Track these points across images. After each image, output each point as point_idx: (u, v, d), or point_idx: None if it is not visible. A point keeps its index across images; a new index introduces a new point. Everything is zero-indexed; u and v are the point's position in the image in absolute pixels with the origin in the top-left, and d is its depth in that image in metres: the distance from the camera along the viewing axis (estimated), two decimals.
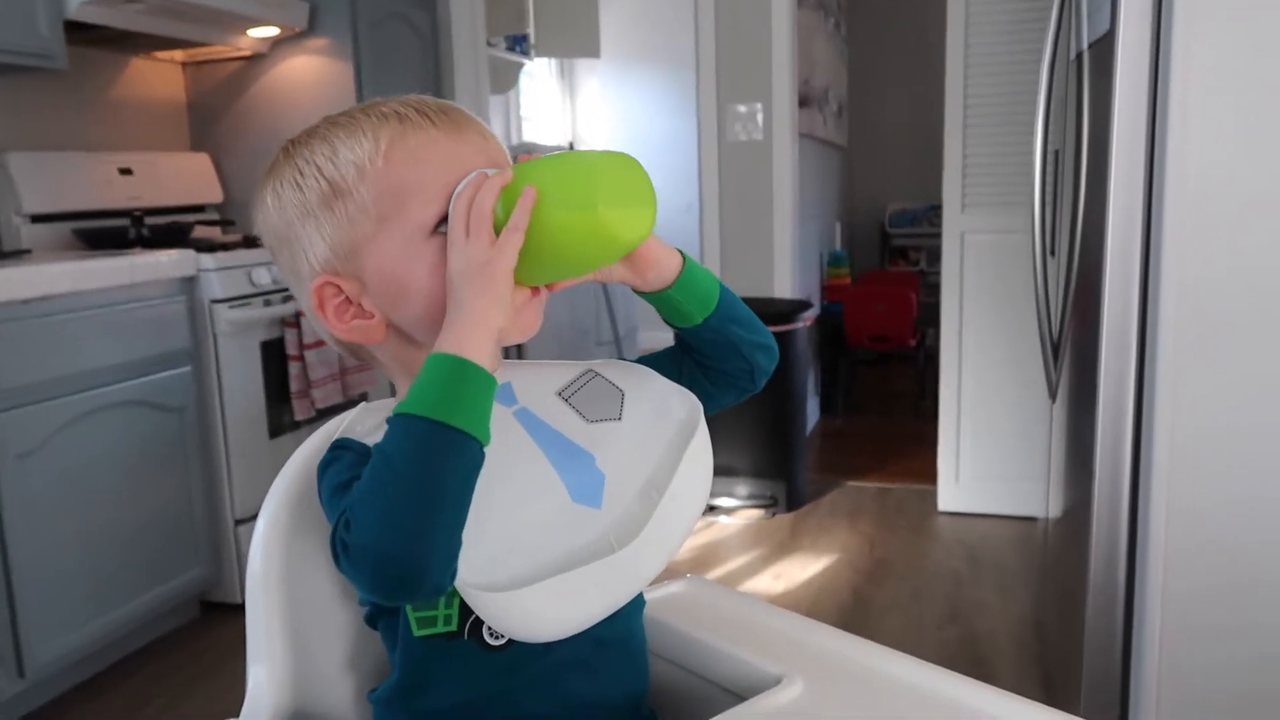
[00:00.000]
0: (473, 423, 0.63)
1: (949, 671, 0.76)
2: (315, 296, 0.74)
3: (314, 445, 0.82)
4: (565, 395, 0.76)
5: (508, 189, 0.69)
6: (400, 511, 0.61)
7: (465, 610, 0.71)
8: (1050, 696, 1.98)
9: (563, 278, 0.73)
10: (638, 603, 0.79)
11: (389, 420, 0.64)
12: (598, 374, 0.79)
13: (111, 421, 2.16)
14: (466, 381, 0.63)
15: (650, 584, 0.75)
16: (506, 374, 0.77)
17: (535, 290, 0.74)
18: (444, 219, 0.71)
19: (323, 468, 0.71)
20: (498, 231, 0.68)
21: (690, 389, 0.79)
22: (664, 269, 0.76)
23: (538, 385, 0.76)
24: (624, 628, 0.77)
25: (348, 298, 0.74)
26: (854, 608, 2.47)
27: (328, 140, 0.74)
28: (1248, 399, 1.41)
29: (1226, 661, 1.46)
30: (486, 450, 0.66)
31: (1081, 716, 1.57)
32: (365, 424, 0.72)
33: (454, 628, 0.72)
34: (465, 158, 0.72)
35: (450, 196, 0.71)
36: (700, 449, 0.76)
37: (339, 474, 0.68)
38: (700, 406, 0.77)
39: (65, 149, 2.70)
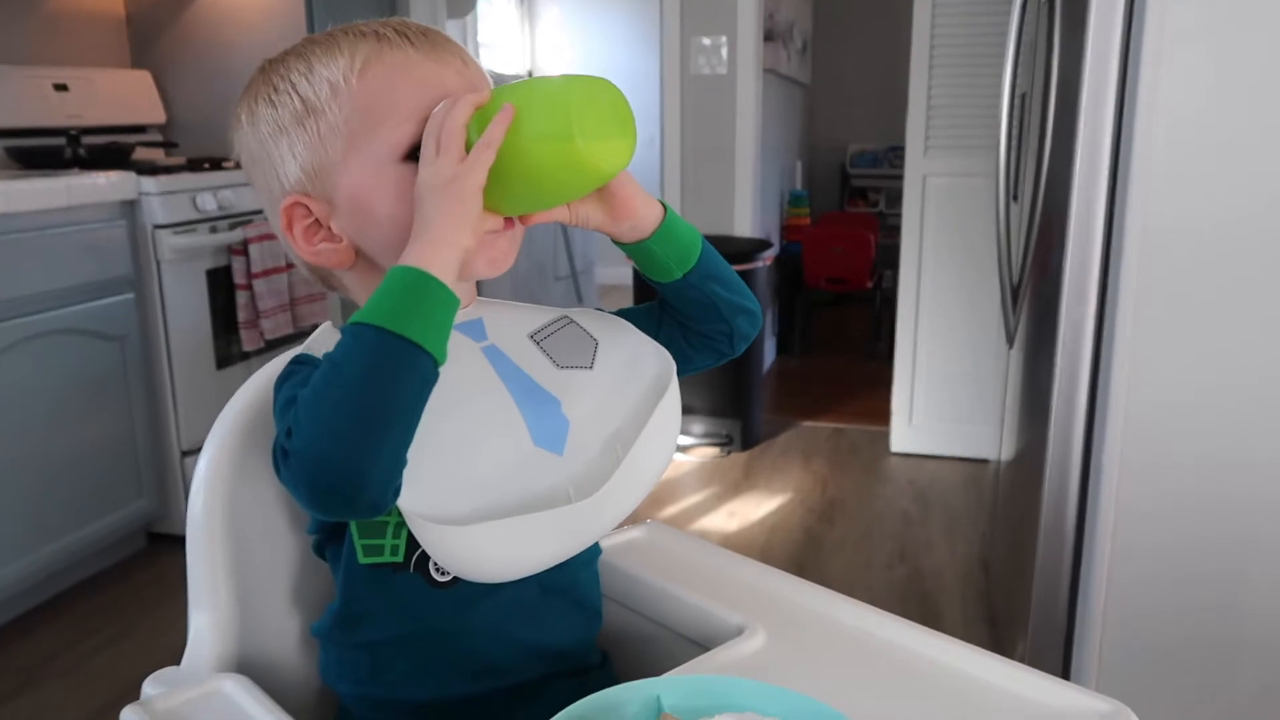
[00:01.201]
0: (428, 337, 0.60)
1: (907, 621, 0.76)
2: (284, 216, 0.71)
3: (257, 382, 0.79)
4: (537, 338, 0.74)
5: (482, 109, 0.66)
6: (343, 418, 0.58)
7: (413, 542, 0.69)
8: (995, 633, 2.03)
9: (535, 207, 0.71)
10: (591, 552, 0.78)
11: (342, 330, 0.62)
12: (573, 321, 0.76)
13: (49, 349, 2.09)
14: (426, 295, 0.61)
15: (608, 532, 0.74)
16: (479, 310, 0.75)
17: (509, 222, 0.71)
18: (417, 144, 0.68)
19: (279, 382, 0.68)
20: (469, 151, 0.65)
21: (667, 348, 0.76)
22: (643, 219, 0.73)
23: (510, 325, 0.74)
24: (571, 577, 0.76)
25: (317, 220, 0.71)
26: (806, 546, 2.50)
27: (304, 57, 0.71)
28: (1206, 351, 1.42)
29: (1173, 606, 1.50)
30: (450, 382, 0.64)
31: (1028, 650, 1.61)
32: (329, 341, 0.70)
33: (399, 559, 0.70)
34: (443, 80, 0.70)
35: (424, 119, 0.68)
36: (670, 406, 0.74)
37: (292, 388, 0.66)
38: (673, 364, 0.75)
39: None
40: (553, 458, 0.70)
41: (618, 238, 0.75)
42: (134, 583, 2.30)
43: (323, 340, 0.70)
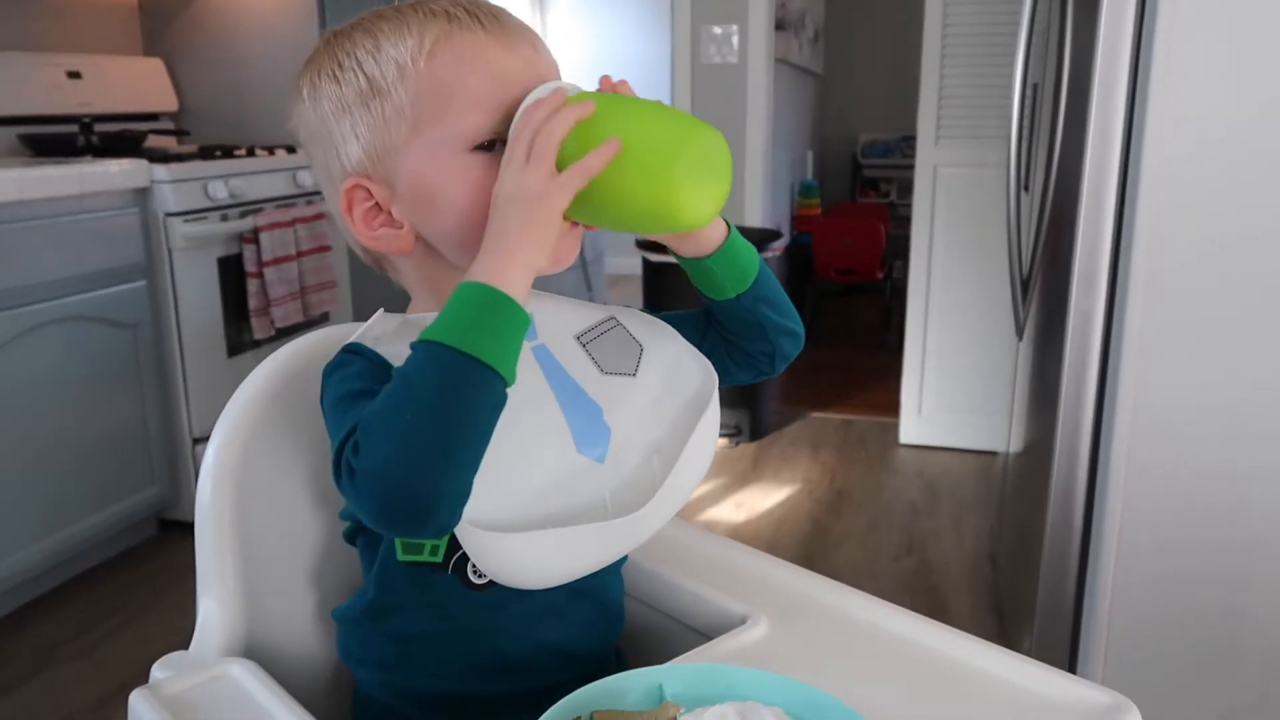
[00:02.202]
0: (501, 359, 0.59)
1: (910, 612, 0.76)
2: (345, 199, 0.70)
3: (267, 369, 0.79)
4: (583, 340, 0.73)
5: (583, 124, 0.63)
6: (415, 440, 0.57)
7: (454, 544, 0.69)
8: (1002, 626, 2.03)
9: (608, 228, 0.69)
10: (620, 559, 0.77)
11: (413, 345, 0.60)
12: (619, 323, 0.75)
13: (61, 336, 2.10)
14: (499, 315, 0.59)
15: None
16: (530, 305, 0.73)
17: (575, 222, 0.70)
18: (488, 138, 0.66)
19: (329, 371, 0.67)
20: (561, 165, 0.63)
21: (708, 358, 0.75)
22: (707, 238, 0.72)
23: (558, 324, 0.73)
24: (600, 582, 0.76)
25: (377, 204, 0.70)
26: (813, 537, 2.50)
27: (371, 34, 0.69)
28: (1215, 343, 1.41)
29: (1179, 598, 1.49)
30: None
31: (1034, 645, 1.61)
32: (378, 330, 0.69)
33: (439, 559, 0.70)
34: (512, 69, 0.68)
35: (493, 109, 0.66)
36: (710, 421, 0.73)
37: (345, 381, 0.65)
38: (716, 377, 0.74)
39: (8, 49, 2.57)
40: (595, 466, 0.69)
41: (679, 252, 0.73)
42: (145, 569, 2.32)
43: (378, 330, 0.69)
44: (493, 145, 0.67)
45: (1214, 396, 1.42)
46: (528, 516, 0.65)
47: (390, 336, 0.68)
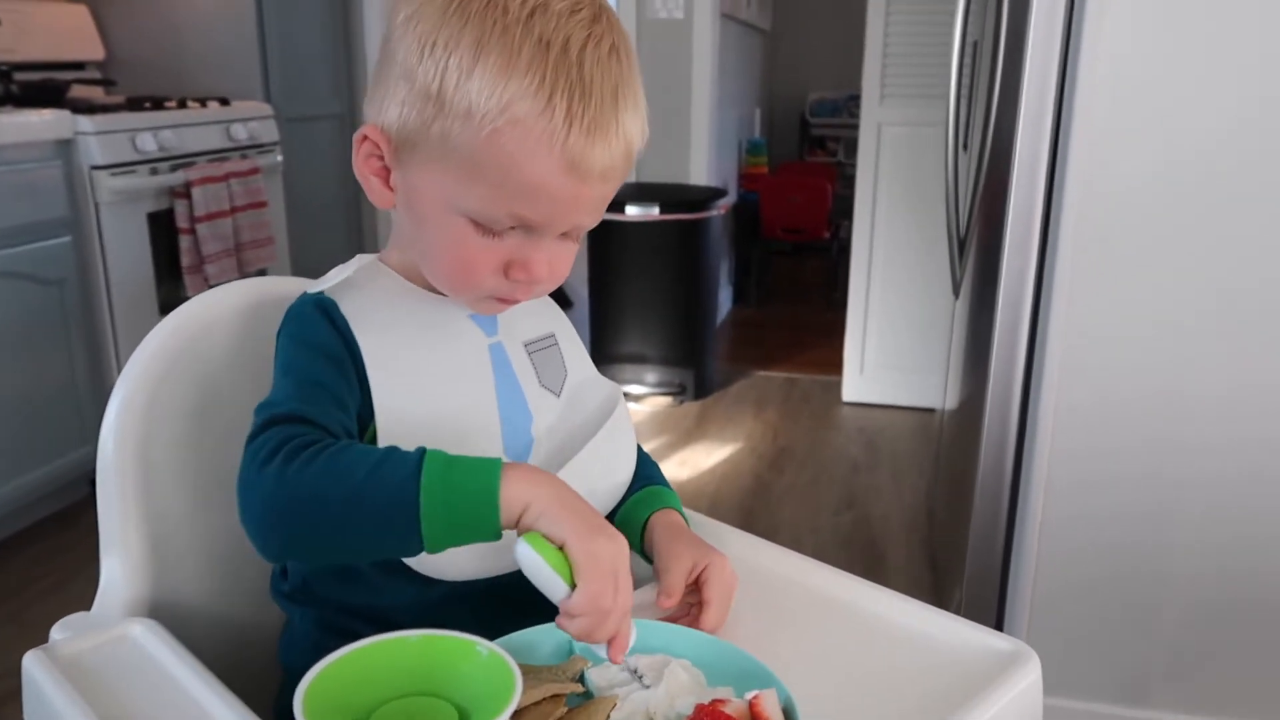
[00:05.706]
0: (436, 548, 0.58)
1: (826, 566, 0.77)
2: (356, 138, 0.69)
3: (173, 322, 0.78)
4: (529, 350, 0.76)
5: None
6: (318, 515, 0.59)
7: None
8: (936, 578, 2.07)
9: None
10: None
11: (407, 471, 0.58)
12: (556, 343, 0.78)
13: None
14: (477, 534, 0.59)
15: None
16: None
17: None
18: (483, 223, 0.65)
19: (288, 318, 0.69)
20: None
21: None
22: None
23: (515, 327, 0.75)
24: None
25: (383, 161, 0.69)
26: (755, 493, 2.52)
27: (477, 50, 0.62)
28: (1142, 301, 1.43)
29: (1101, 552, 1.53)
30: (452, 370, 0.69)
31: (963, 599, 1.64)
32: (366, 283, 0.71)
33: None
34: (556, 192, 0.64)
35: (506, 209, 0.64)
36: (621, 424, 0.78)
37: (289, 349, 0.67)
38: (621, 395, 0.80)
39: None
40: None
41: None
42: (77, 531, 2.27)
43: (361, 279, 0.71)
44: (479, 226, 0.66)
45: (1139, 351, 1.45)
46: None
47: (351, 288, 0.70)
